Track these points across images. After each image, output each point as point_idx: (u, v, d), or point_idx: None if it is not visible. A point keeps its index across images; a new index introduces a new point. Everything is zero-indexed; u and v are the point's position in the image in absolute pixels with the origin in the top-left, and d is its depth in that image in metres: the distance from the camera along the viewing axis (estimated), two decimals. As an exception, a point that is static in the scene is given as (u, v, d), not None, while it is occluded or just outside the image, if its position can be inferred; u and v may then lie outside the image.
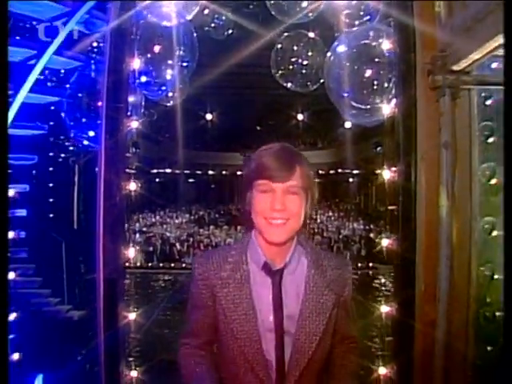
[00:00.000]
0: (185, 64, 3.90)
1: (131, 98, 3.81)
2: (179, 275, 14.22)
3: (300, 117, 15.92)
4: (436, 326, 3.38)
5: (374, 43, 3.74)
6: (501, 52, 2.61)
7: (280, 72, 6.84)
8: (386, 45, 3.67)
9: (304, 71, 6.65)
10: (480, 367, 3.37)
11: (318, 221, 21.72)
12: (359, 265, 12.28)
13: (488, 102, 3.38)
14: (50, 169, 7.57)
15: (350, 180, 23.32)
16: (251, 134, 25.98)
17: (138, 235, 19.11)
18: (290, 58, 6.66)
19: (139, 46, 3.66)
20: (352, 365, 2.23)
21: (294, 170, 1.99)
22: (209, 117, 16.36)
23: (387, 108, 3.75)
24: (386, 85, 3.76)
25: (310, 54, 6.63)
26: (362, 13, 4.65)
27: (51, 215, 8.04)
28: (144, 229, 19.68)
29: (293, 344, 2.05)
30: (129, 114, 3.47)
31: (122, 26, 3.51)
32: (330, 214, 22.34)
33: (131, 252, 3.56)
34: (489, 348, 3.39)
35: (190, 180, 26.76)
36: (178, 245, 17.18)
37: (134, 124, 3.41)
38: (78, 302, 7.93)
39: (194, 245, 17.91)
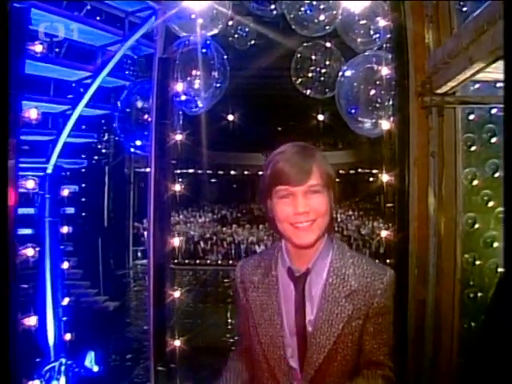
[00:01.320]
0: (218, 85, 4.54)
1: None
2: (203, 271, 14.85)
3: (320, 117, 15.74)
4: (426, 304, 3.76)
5: (375, 68, 4.34)
6: (476, 77, 3.19)
7: (300, 80, 7.32)
8: (385, 70, 4.19)
9: (322, 79, 7.13)
10: (465, 340, 3.76)
11: (339, 219, 21.98)
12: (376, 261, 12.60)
13: (471, 117, 3.85)
14: (97, 172, 8.17)
15: (370, 180, 23.40)
16: (272, 135, 26.11)
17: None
18: (308, 67, 7.05)
19: (180, 70, 4.33)
20: None
21: (311, 170, 1.89)
22: (230, 118, 16.43)
23: (386, 123, 4.25)
24: (385, 103, 4.34)
25: (327, 62, 7.09)
26: (372, 32, 5.26)
27: (93, 214, 8.67)
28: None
29: (304, 355, 1.97)
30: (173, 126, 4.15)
31: (166, 54, 4.20)
32: (350, 212, 22.54)
33: (176, 241, 4.26)
34: (472, 324, 3.77)
35: (213, 180, 26.89)
36: (201, 243, 17.55)
37: (179, 137, 4.08)
38: (113, 294, 8.58)
39: (218, 243, 18.24)
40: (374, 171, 22.10)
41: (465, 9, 3.86)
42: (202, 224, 21.70)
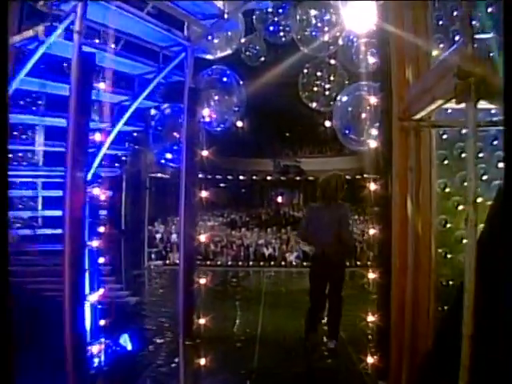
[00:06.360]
0: (237, 109, 5.40)
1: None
2: (214, 272, 15.53)
3: (327, 124, 16.24)
4: (406, 291, 4.35)
5: (366, 97, 5.15)
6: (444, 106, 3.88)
7: (306, 94, 8.04)
8: (373, 99, 4.98)
9: (326, 93, 7.85)
10: (438, 320, 4.26)
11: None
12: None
13: (444, 137, 4.53)
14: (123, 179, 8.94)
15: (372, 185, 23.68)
16: (281, 141, 26.51)
17: (174, 236, 20.28)
18: (314, 82, 7.85)
19: (205, 97, 5.20)
20: None
21: None
22: (239, 124, 16.86)
23: (373, 142, 5.00)
24: (373, 126, 5.13)
25: (331, 78, 7.80)
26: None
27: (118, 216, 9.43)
28: (180, 230, 20.24)
29: None
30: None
31: (195, 83, 5.06)
32: (356, 216, 22.95)
33: (202, 238, 5.12)
34: (445, 307, 4.28)
35: (222, 185, 27.52)
36: (212, 245, 17.87)
37: (204, 153, 4.92)
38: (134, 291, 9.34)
39: (227, 245, 18.72)
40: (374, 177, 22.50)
41: (442, 45, 4.61)
42: (211, 227, 22.07)
